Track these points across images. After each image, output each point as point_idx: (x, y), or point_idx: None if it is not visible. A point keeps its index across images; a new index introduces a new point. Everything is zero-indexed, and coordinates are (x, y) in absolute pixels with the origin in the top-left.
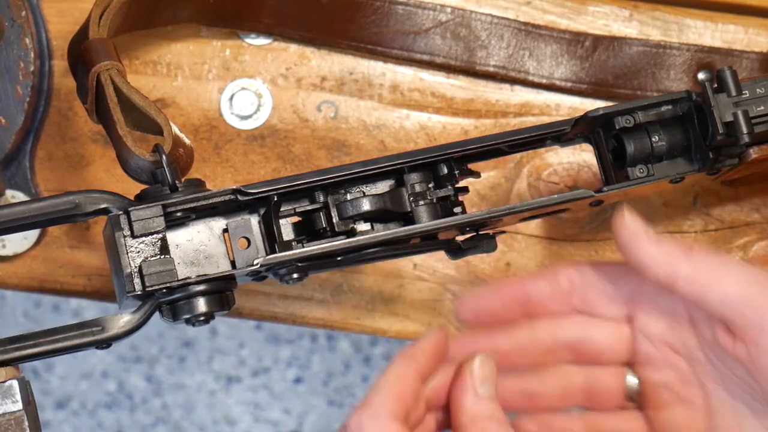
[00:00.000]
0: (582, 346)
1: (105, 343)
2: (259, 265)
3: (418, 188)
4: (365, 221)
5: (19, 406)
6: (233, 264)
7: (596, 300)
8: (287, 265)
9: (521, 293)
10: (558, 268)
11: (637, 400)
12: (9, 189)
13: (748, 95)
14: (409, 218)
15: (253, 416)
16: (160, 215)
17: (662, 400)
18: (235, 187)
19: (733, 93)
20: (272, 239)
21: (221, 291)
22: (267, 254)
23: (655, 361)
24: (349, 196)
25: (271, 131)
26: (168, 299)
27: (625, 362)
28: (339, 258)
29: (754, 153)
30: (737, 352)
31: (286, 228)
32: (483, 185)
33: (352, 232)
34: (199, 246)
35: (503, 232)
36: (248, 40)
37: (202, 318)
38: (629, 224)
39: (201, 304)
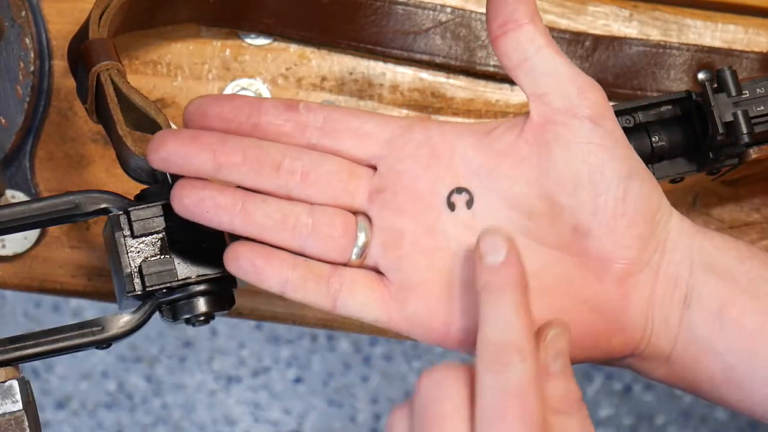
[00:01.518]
0: (312, 176)
1: (105, 343)
2: None
3: None
4: None
5: (19, 406)
6: None
7: (339, 134)
8: None
9: (254, 111)
10: (301, 100)
11: (365, 255)
12: (9, 189)
13: (748, 95)
14: None
15: (253, 416)
16: (160, 215)
17: (396, 252)
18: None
19: (733, 93)
20: None
21: (221, 291)
22: None
23: (394, 204)
24: None
25: None
26: (168, 299)
27: (357, 209)
28: None
29: (754, 153)
30: (530, 144)
31: None
32: None
33: None
34: (199, 246)
35: None
36: (248, 40)
37: (202, 318)
38: None
39: (201, 304)
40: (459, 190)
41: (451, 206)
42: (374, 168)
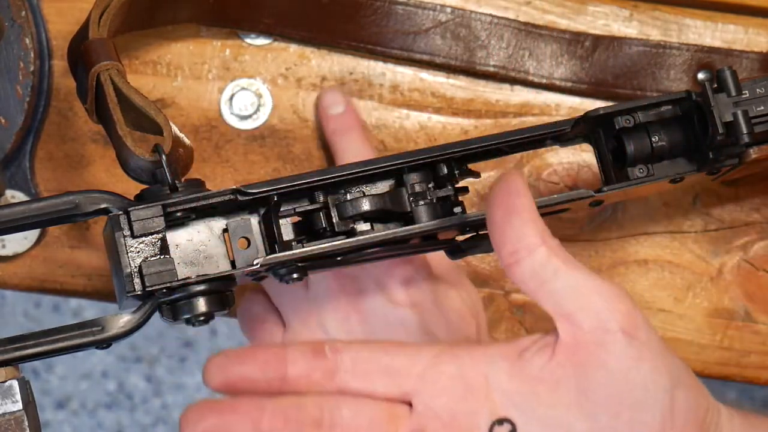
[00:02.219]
0: (352, 426)
1: (105, 343)
2: (258, 265)
3: (418, 188)
4: (365, 221)
5: (19, 406)
6: (233, 264)
7: (370, 374)
8: (287, 265)
9: (280, 364)
10: (325, 342)
11: None
12: (9, 189)
13: (748, 95)
14: (409, 218)
15: None
16: (160, 215)
17: None
18: (235, 187)
19: (733, 93)
20: (272, 239)
21: (221, 291)
22: (267, 254)
23: None
24: (349, 196)
25: (271, 131)
26: (168, 299)
27: None
28: (339, 258)
29: (754, 153)
30: (564, 363)
31: (286, 228)
32: (483, 185)
33: (352, 232)
34: (199, 246)
35: None
36: (248, 40)
37: (202, 318)
38: (514, 190)
39: (201, 304)
40: (500, 421)
41: None
42: (410, 404)
